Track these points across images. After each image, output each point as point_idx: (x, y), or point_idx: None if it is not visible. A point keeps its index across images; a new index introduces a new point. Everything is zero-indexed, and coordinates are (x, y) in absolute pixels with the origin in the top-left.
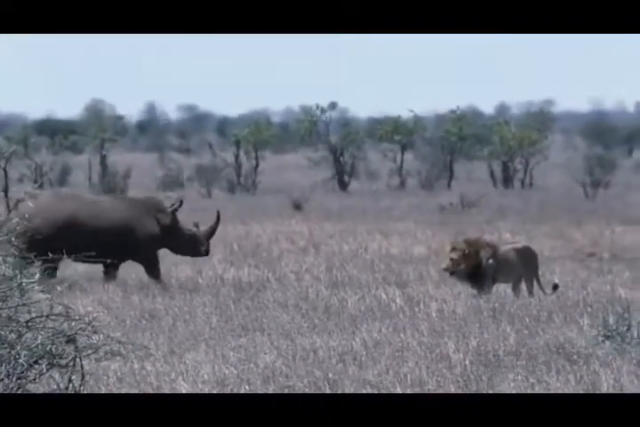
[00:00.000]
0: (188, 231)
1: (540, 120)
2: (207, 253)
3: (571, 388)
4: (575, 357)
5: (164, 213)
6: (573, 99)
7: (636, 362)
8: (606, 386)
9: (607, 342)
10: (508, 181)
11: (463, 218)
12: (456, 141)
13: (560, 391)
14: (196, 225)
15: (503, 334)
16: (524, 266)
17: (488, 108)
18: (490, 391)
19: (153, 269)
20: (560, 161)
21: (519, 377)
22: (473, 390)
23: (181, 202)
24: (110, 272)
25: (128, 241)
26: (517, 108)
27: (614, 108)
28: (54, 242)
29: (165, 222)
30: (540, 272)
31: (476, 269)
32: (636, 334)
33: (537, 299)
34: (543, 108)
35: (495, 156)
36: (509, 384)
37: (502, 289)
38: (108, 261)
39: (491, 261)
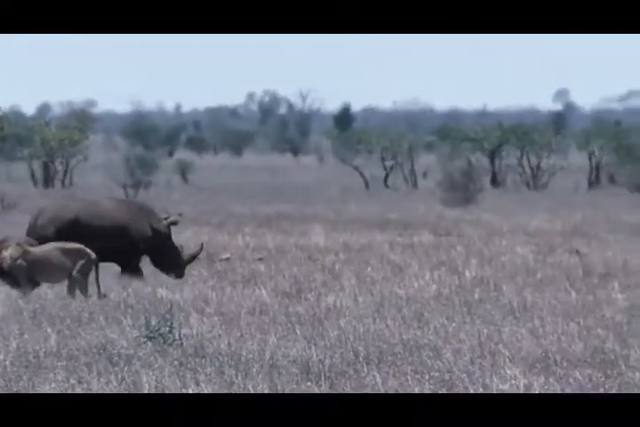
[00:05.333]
0: (176, 249)
1: (82, 120)
2: (182, 275)
3: (113, 388)
4: (117, 358)
5: (160, 221)
6: (115, 99)
7: (178, 363)
8: (148, 387)
9: (149, 343)
10: (48, 181)
11: (4, 218)
12: None
13: (101, 392)
14: (181, 247)
15: (44, 334)
16: (73, 266)
17: (30, 108)
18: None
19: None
20: (101, 161)
21: (60, 378)
22: (14, 390)
23: (178, 219)
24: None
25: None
26: (59, 107)
27: (155, 108)
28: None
29: (162, 230)
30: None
31: None
32: (177, 335)
33: (79, 300)
34: (84, 109)
35: (36, 156)
36: (50, 385)
37: (44, 290)
38: None
39: (19, 261)
